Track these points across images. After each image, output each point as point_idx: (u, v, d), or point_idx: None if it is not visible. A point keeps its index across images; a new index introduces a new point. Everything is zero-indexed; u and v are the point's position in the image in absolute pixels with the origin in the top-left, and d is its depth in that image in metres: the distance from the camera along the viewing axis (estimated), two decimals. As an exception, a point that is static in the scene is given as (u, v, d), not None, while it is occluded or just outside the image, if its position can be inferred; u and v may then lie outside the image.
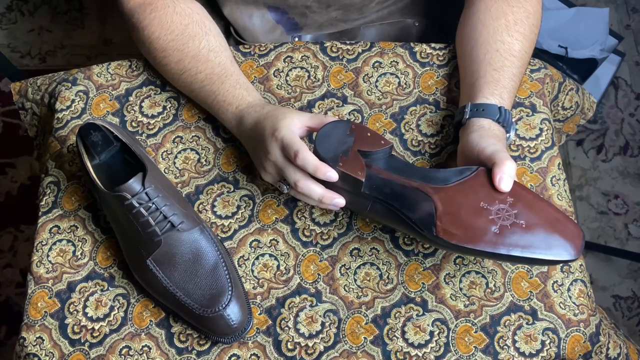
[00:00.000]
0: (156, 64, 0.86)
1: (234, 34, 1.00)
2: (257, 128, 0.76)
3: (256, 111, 0.78)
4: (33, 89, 0.93)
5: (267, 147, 0.74)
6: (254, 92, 0.82)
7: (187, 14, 0.84)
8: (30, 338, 0.75)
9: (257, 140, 0.76)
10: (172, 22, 0.83)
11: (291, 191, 0.75)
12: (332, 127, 0.73)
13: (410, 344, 0.74)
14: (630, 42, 1.78)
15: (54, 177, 0.84)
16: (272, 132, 0.73)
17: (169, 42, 0.83)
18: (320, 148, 0.71)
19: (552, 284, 0.76)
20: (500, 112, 0.76)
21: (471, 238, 0.66)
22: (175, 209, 0.74)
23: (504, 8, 0.82)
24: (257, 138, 0.76)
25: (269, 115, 0.76)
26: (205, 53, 0.83)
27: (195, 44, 0.83)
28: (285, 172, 0.73)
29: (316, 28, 0.99)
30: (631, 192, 1.62)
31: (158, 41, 0.84)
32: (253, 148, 0.78)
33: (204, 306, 0.71)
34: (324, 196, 0.72)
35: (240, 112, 0.80)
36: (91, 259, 0.79)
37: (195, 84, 0.83)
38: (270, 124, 0.74)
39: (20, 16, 1.86)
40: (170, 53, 0.83)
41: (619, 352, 0.79)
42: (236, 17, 0.97)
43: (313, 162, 0.70)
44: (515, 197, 0.68)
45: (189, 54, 0.83)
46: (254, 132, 0.77)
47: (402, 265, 0.77)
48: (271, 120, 0.74)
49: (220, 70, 0.82)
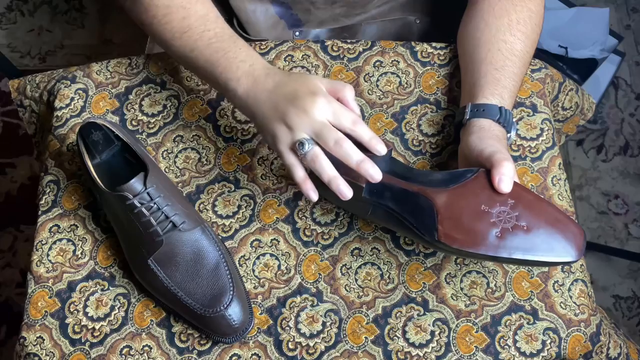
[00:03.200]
0: (154, 24, 0.81)
1: (236, 26, 1.00)
2: (286, 87, 0.72)
3: (277, 73, 0.74)
4: (32, 87, 0.93)
5: (305, 104, 0.69)
6: None
7: None
8: (30, 338, 0.75)
9: (286, 99, 0.71)
10: None
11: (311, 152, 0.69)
12: None
13: (411, 344, 0.74)
14: (630, 42, 1.78)
15: (53, 175, 0.84)
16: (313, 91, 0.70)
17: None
18: None
19: (552, 283, 0.76)
20: (500, 112, 0.76)
21: (473, 242, 0.66)
22: (176, 208, 0.74)
23: (507, 7, 0.82)
24: (284, 96, 0.71)
25: (299, 78, 0.72)
26: (214, 16, 0.80)
27: (204, 6, 0.80)
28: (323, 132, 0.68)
29: (318, 24, 0.99)
30: (631, 192, 1.62)
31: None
32: (271, 107, 0.72)
33: (205, 306, 0.71)
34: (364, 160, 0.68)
35: (255, 70, 0.74)
36: (91, 258, 0.79)
37: (200, 42, 0.78)
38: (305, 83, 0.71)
39: (20, 16, 1.86)
40: (175, 10, 0.79)
41: (619, 352, 0.79)
42: (240, 9, 0.97)
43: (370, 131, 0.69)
44: (516, 198, 0.68)
45: (196, 13, 0.79)
46: (280, 91, 0.72)
47: (403, 265, 0.77)
48: (304, 81, 0.71)
49: (232, 33, 0.79)
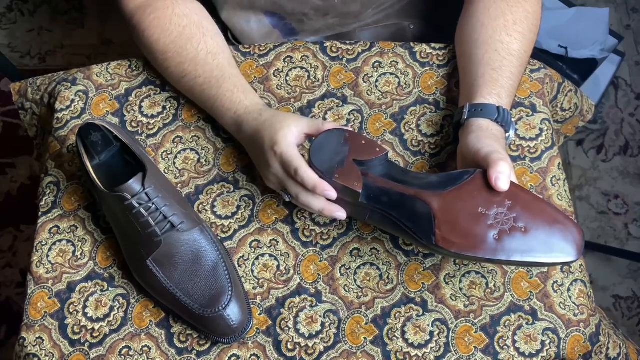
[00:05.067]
0: (158, 66, 0.86)
1: (231, 38, 1.00)
2: (256, 138, 0.76)
3: (254, 118, 0.78)
4: (33, 89, 0.93)
5: (267, 159, 0.74)
6: (252, 94, 0.82)
7: (186, 15, 0.84)
8: (30, 338, 0.75)
9: (258, 150, 0.77)
10: (170, 24, 0.83)
11: (293, 200, 0.75)
12: (326, 138, 0.73)
13: (410, 344, 0.74)
14: (630, 42, 1.78)
15: (53, 177, 0.84)
16: (270, 146, 0.73)
17: (169, 44, 0.83)
18: (315, 160, 0.71)
19: (552, 284, 0.76)
20: (498, 112, 0.76)
21: (470, 246, 0.66)
22: (175, 209, 0.74)
23: (502, 8, 0.82)
24: (257, 148, 0.77)
25: (266, 125, 0.76)
26: (203, 56, 0.83)
27: (193, 46, 0.83)
28: (286, 185, 0.74)
29: (312, 33, 0.99)
30: (631, 192, 1.61)
31: (158, 44, 0.84)
32: (254, 155, 0.79)
33: (204, 306, 0.71)
34: (324, 209, 0.72)
35: (238, 117, 0.80)
36: (91, 259, 0.79)
37: (195, 88, 0.83)
38: (268, 136, 0.74)
39: (20, 16, 1.86)
40: (170, 56, 0.83)
41: (618, 352, 0.79)
42: (234, 21, 0.97)
43: (312, 179, 0.70)
44: (513, 199, 0.67)
45: (187, 57, 0.83)
46: (253, 141, 0.77)
47: (402, 266, 0.77)
48: (269, 131, 0.75)
49: (218, 74, 0.82)
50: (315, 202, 0.72)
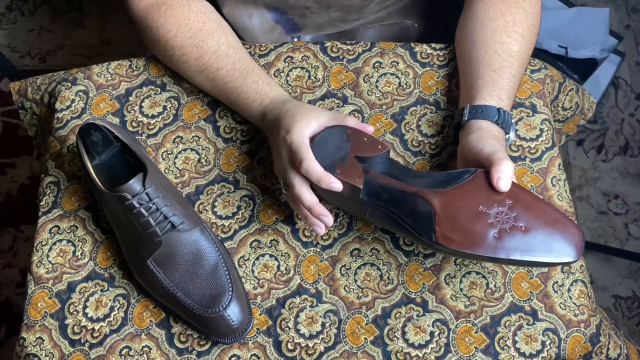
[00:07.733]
0: (173, 62, 0.86)
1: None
2: (276, 125, 0.76)
3: (278, 107, 0.78)
4: (33, 89, 0.93)
5: (278, 146, 0.75)
6: (277, 86, 0.82)
7: (203, 12, 0.85)
8: (30, 338, 0.75)
9: (274, 136, 0.77)
10: (189, 20, 0.84)
11: (287, 194, 0.75)
12: (328, 134, 0.73)
13: (411, 345, 0.74)
14: (630, 42, 1.78)
15: (53, 177, 0.84)
16: (284, 134, 0.74)
17: (187, 39, 0.83)
18: (317, 155, 0.71)
19: (552, 284, 0.76)
20: (499, 113, 0.76)
21: (470, 243, 0.66)
22: (175, 209, 0.74)
23: (502, 9, 0.82)
24: (274, 134, 0.77)
25: (288, 114, 0.76)
26: (225, 49, 0.83)
27: (214, 40, 0.83)
28: (287, 174, 0.73)
29: (315, 29, 0.99)
30: (631, 192, 1.61)
31: (175, 39, 0.84)
32: (271, 140, 0.79)
33: (205, 306, 0.71)
34: (313, 205, 0.72)
35: (264, 108, 0.80)
36: (91, 259, 0.79)
37: (217, 81, 0.83)
38: (285, 124, 0.74)
39: (20, 16, 1.86)
40: (189, 50, 0.83)
41: (619, 352, 0.79)
42: (235, 16, 0.97)
43: (317, 171, 0.70)
44: (514, 199, 0.67)
45: (208, 50, 0.83)
46: (273, 128, 0.77)
47: (402, 266, 0.77)
48: (288, 120, 0.75)
49: (242, 66, 0.82)
50: (307, 195, 0.72)
